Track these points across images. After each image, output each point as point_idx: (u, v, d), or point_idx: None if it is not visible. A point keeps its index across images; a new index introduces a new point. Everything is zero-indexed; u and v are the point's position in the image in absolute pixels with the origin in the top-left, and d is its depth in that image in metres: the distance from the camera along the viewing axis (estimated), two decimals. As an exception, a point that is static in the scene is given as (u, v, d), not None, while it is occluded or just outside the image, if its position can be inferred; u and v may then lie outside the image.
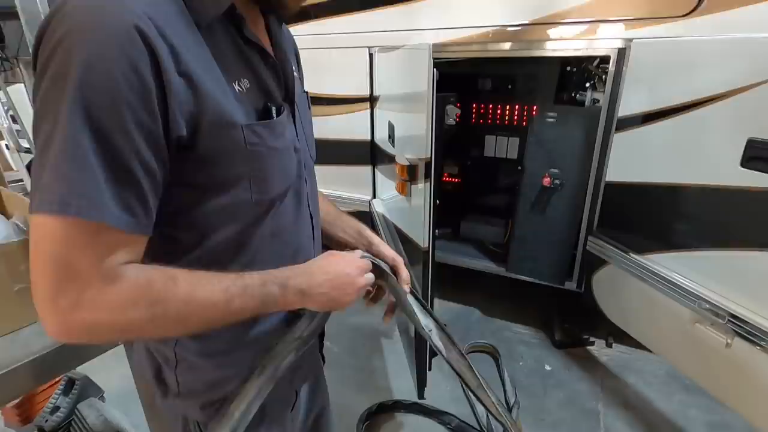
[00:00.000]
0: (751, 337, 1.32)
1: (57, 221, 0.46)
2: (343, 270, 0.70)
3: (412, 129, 1.46)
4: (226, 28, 0.58)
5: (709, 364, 1.50)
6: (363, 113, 2.37)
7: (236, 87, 0.58)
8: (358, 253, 0.76)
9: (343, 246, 0.90)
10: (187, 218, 0.59)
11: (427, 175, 1.30)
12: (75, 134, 0.45)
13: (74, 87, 0.44)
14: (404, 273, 0.85)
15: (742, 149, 1.33)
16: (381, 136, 2.27)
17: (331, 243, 0.91)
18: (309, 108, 0.83)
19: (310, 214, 0.78)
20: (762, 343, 1.29)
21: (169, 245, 0.61)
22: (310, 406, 0.96)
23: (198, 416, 0.75)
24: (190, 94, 0.51)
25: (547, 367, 2.11)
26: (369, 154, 2.44)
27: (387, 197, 2.38)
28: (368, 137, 2.41)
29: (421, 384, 1.62)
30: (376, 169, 2.47)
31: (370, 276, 0.74)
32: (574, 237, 2.06)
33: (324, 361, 0.92)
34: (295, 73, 0.75)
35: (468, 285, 2.67)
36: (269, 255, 0.68)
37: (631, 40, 1.65)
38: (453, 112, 1.84)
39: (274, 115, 0.62)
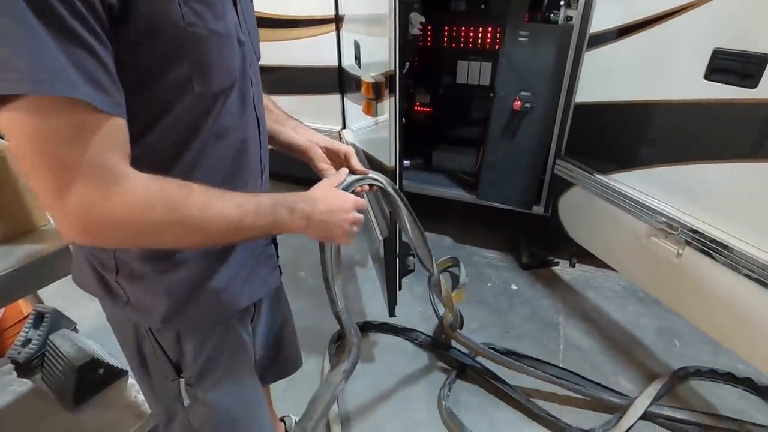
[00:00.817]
0: (701, 246, 1.40)
1: (25, 113, 0.43)
2: (342, 204, 0.74)
3: (376, 43, 1.39)
4: None
5: (661, 274, 1.61)
6: (329, 36, 2.23)
7: None
8: (350, 179, 0.82)
9: (288, 148, 0.89)
10: (128, 106, 0.54)
11: (392, 90, 1.25)
12: (13, 7, 0.40)
13: None
14: (354, 161, 0.90)
15: (707, 61, 1.32)
16: (349, 63, 2.17)
17: (276, 144, 0.89)
18: (251, 1, 0.77)
19: (257, 117, 0.74)
20: (710, 250, 1.38)
21: None
22: (272, 316, 0.98)
23: (156, 325, 0.74)
24: None
25: (514, 287, 2.22)
26: (337, 81, 2.34)
27: (357, 127, 2.32)
28: (335, 63, 2.30)
29: (392, 302, 1.68)
30: (345, 98, 2.38)
31: (360, 216, 0.77)
32: (543, 162, 2.08)
33: (281, 272, 0.92)
34: None
35: (440, 214, 2.71)
36: (213, 158, 0.65)
37: (606, -53, 1.57)
38: (417, 20, 1.75)
39: None
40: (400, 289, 1.67)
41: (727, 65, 1.29)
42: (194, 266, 0.70)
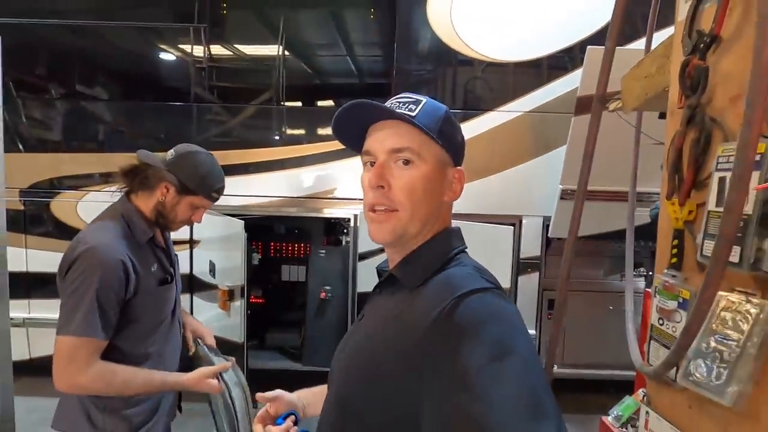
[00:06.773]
0: None
1: (73, 338, 1.12)
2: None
3: (229, 265, 2.25)
4: (149, 242, 1.33)
5: None
6: (184, 252, 3.01)
7: (152, 269, 1.30)
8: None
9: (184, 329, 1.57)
10: (124, 336, 1.26)
11: (242, 295, 2.07)
12: (92, 303, 1.14)
13: (94, 285, 1.15)
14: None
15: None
16: (201, 271, 2.94)
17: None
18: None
19: (179, 326, 1.45)
20: None
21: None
22: None
23: None
24: (135, 279, 1.22)
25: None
26: (189, 285, 3.03)
27: (203, 319, 2.95)
28: (188, 271, 3.03)
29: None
30: (193, 296, 3.05)
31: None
32: (346, 330, 3.04)
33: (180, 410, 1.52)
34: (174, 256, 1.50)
35: (271, 385, 3.27)
36: (161, 347, 1.33)
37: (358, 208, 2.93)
38: (256, 257, 2.73)
39: (169, 281, 1.35)
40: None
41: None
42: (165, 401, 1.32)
